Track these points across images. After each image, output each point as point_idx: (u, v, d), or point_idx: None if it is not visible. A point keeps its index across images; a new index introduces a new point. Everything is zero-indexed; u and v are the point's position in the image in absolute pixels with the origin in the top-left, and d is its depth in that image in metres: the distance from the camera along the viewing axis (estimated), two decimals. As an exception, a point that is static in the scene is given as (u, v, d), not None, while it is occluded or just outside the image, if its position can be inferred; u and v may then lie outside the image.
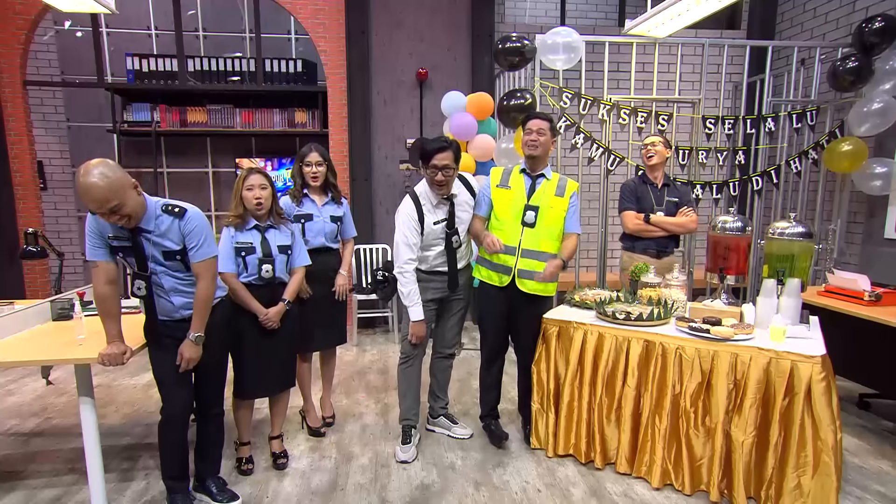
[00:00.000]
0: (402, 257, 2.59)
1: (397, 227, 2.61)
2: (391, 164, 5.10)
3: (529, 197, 2.66)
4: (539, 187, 2.67)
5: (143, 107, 5.49)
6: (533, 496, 2.43)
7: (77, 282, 5.86)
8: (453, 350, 3.00)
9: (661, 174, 3.35)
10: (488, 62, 4.95)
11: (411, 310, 2.62)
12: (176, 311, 2.15)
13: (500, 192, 2.71)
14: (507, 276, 2.68)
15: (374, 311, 5.04)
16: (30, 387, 3.73)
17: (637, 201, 3.31)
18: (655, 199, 3.30)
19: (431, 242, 2.65)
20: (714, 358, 2.36)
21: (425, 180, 2.62)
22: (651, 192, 3.31)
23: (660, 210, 3.27)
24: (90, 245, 2.02)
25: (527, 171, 2.70)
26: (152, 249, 2.03)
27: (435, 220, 2.62)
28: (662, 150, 3.29)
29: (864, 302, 2.94)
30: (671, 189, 3.33)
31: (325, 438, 2.98)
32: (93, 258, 2.03)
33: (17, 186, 4.99)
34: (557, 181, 2.70)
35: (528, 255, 2.64)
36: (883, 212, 4.25)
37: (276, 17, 5.81)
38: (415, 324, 2.64)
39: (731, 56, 5.11)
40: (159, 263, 2.06)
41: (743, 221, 2.95)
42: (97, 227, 2.01)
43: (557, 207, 2.65)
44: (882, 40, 3.86)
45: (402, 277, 2.60)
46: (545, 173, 2.70)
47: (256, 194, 2.39)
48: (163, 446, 2.26)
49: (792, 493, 2.21)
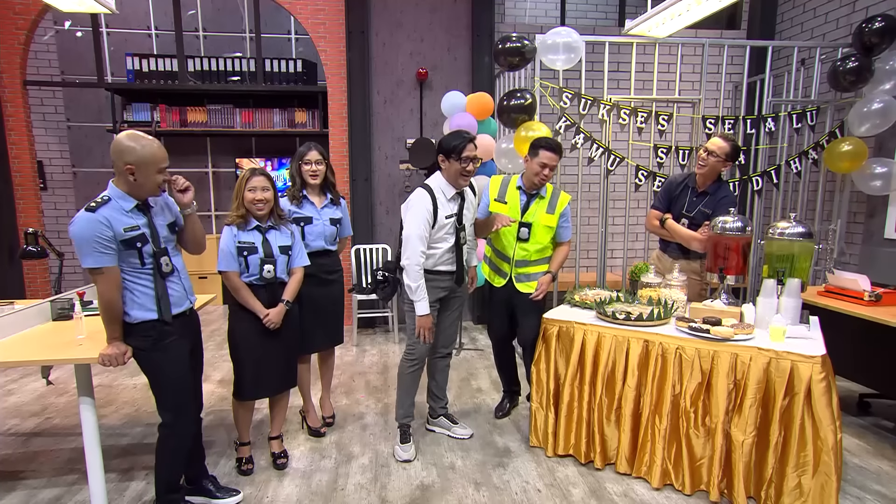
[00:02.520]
0: (416, 250, 2.55)
1: (411, 219, 2.57)
2: (391, 164, 5.10)
3: (523, 214, 2.87)
4: (533, 205, 2.87)
5: (143, 107, 5.50)
6: (533, 496, 2.43)
7: (77, 282, 5.86)
8: (451, 349, 3.01)
9: (708, 180, 3.03)
10: (488, 62, 4.95)
11: (419, 304, 2.59)
12: (186, 297, 2.16)
13: (497, 206, 2.91)
14: (504, 279, 2.97)
15: (374, 311, 5.04)
16: (30, 387, 3.74)
17: (670, 202, 3.14)
18: (689, 204, 3.05)
19: (441, 237, 2.64)
20: (714, 358, 2.36)
21: (445, 174, 2.63)
22: (688, 196, 3.07)
23: (686, 218, 3.05)
24: (94, 252, 1.88)
25: (523, 189, 2.89)
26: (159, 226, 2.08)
27: (447, 214, 2.62)
28: (716, 164, 2.95)
29: (864, 302, 2.94)
30: (710, 198, 3.01)
31: (325, 438, 2.98)
32: (98, 265, 1.90)
33: (17, 186, 4.99)
34: (550, 197, 2.89)
35: (521, 264, 2.92)
36: (883, 212, 4.25)
37: (276, 17, 5.81)
38: (422, 318, 2.62)
39: (731, 56, 5.12)
40: (168, 239, 2.11)
41: (743, 221, 2.94)
42: (108, 227, 1.90)
43: (547, 224, 2.88)
44: (882, 40, 3.86)
45: (413, 271, 2.56)
46: (540, 192, 2.89)
47: (259, 196, 2.39)
48: (173, 459, 2.20)
49: (792, 493, 2.21)
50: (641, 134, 4.10)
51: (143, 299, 2.04)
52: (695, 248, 3.01)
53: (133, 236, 1.96)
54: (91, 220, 1.88)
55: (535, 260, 2.91)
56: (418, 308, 2.61)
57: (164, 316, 2.06)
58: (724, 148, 2.93)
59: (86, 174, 5.95)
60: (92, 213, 1.89)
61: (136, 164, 1.93)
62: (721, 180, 3.07)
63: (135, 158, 1.93)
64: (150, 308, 2.04)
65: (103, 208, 1.91)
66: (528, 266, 2.91)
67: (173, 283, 2.11)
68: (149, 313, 2.04)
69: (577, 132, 4.00)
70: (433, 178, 2.68)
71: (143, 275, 2.03)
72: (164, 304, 2.06)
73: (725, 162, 2.96)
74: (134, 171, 1.93)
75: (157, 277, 2.05)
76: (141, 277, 2.03)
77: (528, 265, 2.91)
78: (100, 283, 1.94)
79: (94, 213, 1.89)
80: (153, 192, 2.03)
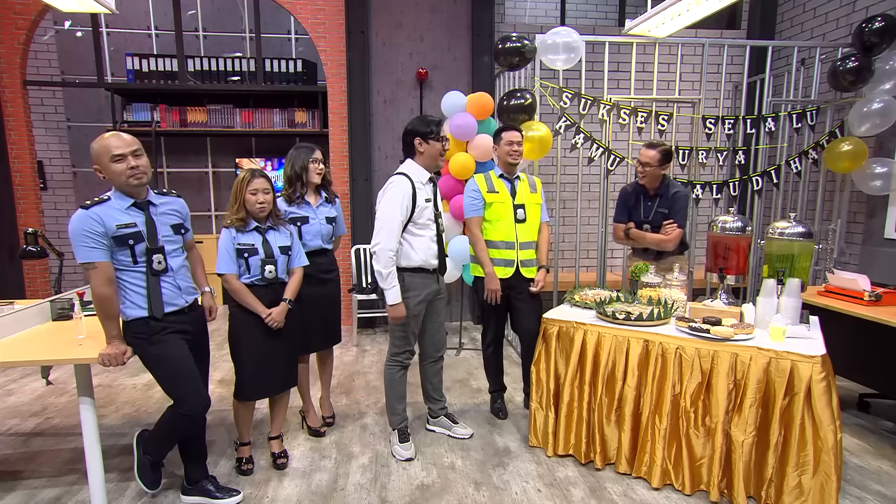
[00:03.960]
0: (392, 234, 2.51)
1: (388, 203, 2.52)
2: (391, 164, 5.10)
3: (514, 196, 2.99)
4: (518, 188, 3.02)
5: (143, 107, 5.49)
6: (533, 496, 2.43)
7: (77, 282, 5.86)
8: (442, 353, 2.97)
9: (654, 184, 3.17)
10: (488, 62, 4.95)
11: (390, 293, 2.54)
12: (180, 296, 2.17)
13: (492, 196, 2.99)
14: (511, 268, 2.99)
15: (374, 311, 5.04)
16: (30, 387, 3.74)
17: (629, 211, 3.29)
18: (645, 209, 3.21)
19: (424, 223, 2.64)
20: (714, 358, 2.36)
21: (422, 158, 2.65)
22: (643, 203, 3.23)
23: (647, 224, 3.20)
24: (85, 246, 1.96)
25: (505, 176, 3.03)
26: (161, 224, 2.12)
27: (426, 198, 2.64)
28: (653, 171, 3.10)
29: (864, 302, 2.94)
30: (663, 199, 3.16)
31: (325, 438, 2.98)
32: (88, 259, 1.96)
33: (17, 186, 4.99)
34: (526, 179, 3.08)
35: (525, 245, 3.01)
36: (883, 212, 4.25)
37: (276, 17, 5.81)
38: (393, 307, 2.57)
39: (731, 56, 5.13)
40: (169, 239, 2.14)
41: (743, 221, 2.94)
42: (99, 223, 1.97)
43: (535, 201, 3.05)
44: (882, 40, 3.86)
45: (385, 256, 2.51)
46: (519, 174, 3.06)
47: (260, 199, 2.40)
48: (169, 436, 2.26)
49: (792, 493, 2.21)
50: (641, 134, 4.10)
51: (135, 297, 2.08)
52: (667, 248, 3.15)
53: (125, 234, 2.02)
54: (82, 216, 1.97)
55: (534, 241, 3.06)
56: (391, 296, 2.54)
57: (153, 313, 2.10)
58: (654, 157, 3.09)
59: (86, 174, 5.95)
60: (85, 210, 1.99)
61: (95, 162, 2.03)
62: (667, 179, 3.21)
63: (94, 158, 2.03)
64: (141, 306, 2.09)
65: (98, 206, 2.02)
66: (530, 249, 3.02)
67: (166, 281, 2.13)
68: (140, 311, 2.09)
69: (577, 132, 4.01)
70: (405, 165, 2.67)
71: (134, 272, 2.07)
72: (154, 301, 2.10)
73: (662, 166, 3.12)
74: (99, 170, 2.04)
75: (149, 274, 2.09)
76: (132, 275, 2.08)
77: (530, 247, 3.02)
78: (92, 277, 2.00)
79: (88, 210, 1.99)
80: (125, 182, 2.01)
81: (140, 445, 2.34)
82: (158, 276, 2.11)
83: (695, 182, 4.16)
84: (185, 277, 2.23)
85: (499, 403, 3.27)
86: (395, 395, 2.80)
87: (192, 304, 2.25)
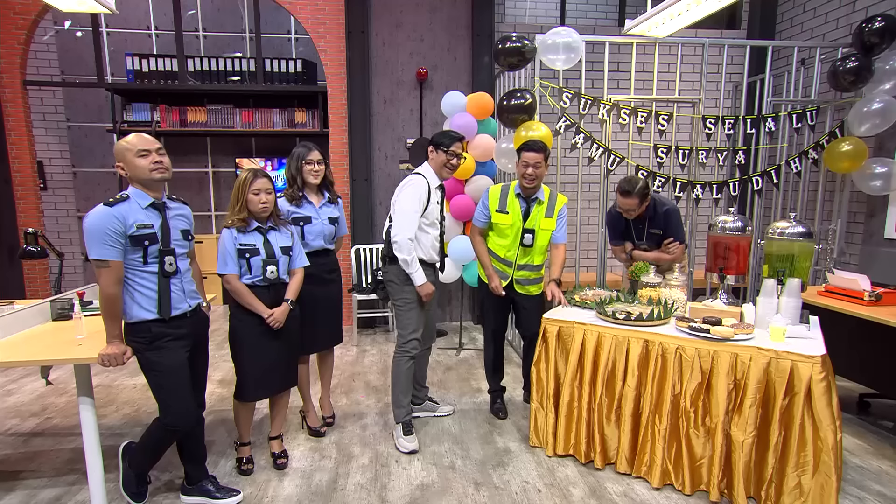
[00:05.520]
0: (411, 224, 2.70)
1: (406, 196, 2.71)
2: (391, 164, 5.11)
3: (525, 220, 2.94)
4: (533, 210, 2.95)
5: (143, 107, 5.49)
6: (533, 496, 2.43)
7: (77, 282, 5.86)
8: (433, 341, 3.20)
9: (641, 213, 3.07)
10: (488, 62, 4.95)
11: (416, 275, 2.73)
12: (185, 300, 2.18)
13: (499, 216, 2.98)
14: (505, 282, 3.02)
15: (374, 311, 5.04)
16: (30, 387, 3.74)
17: (622, 235, 3.28)
18: (637, 232, 3.20)
19: (431, 222, 2.82)
20: (714, 358, 2.36)
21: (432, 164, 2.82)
22: (633, 226, 3.19)
23: (641, 244, 3.19)
24: (102, 243, 1.94)
25: (522, 196, 2.96)
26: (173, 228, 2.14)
27: (437, 200, 2.83)
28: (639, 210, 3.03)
29: (864, 302, 2.94)
30: (654, 220, 3.10)
31: (325, 438, 2.98)
32: (104, 257, 1.95)
33: (17, 186, 4.99)
34: (548, 200, 2.96)
35: (523, 268, 3.01)
36: (883, 212, 4.25)
37: (276, 17, 5.82)
38: (422, 286, 2.76)
39: (731, 56, 5.13)
40: (179, 244, 2.16)
41: (743, 221, 2.94)
42: (121, 222, 1.97)
43: (548, 227, 2.97)
44: (882, 40, 3.86)
45: (405, 244, 2.68)
46: (538, 196, 2.96)
47: (263, 199, 2.39)
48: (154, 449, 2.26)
49: (792, 493, 2.21)
50: (641, 134, 4.10)
51: (142, 299, 2.08)
52: (669, 262, 3.09)
53: (142, 234, 2.03)
54: (106, 214, 1.97)
55: (537, 265, 3.02)
56: (416, 278, 2.74)
57: (162, 314, 2.10)
58: (633, 203, 2.98)
59: (86, 174, 5.94)
60: (109, 208, 1.98)
61: (119, 159, 2.07)
62: (653, 201, 3.09)
63: (118, 154, 2.07)
64: (149, 308, 2.08)
65: (121, 204, 2.01)
66: (529, 271, 3.01)
67: (175, 283, 2.14)
68: (146, 313, 2.08)
69: (577, 132, 4.00)
70: (422, 167, 2.86)
71: (144, 273, 2.07)
72: (163, 302, 2.10)
73: (643, 204, 3.01)
74: (123, 166, 2.07)
75: (160, 276, 2.09)
76: (142, 276, 2.07)
77: (529, 269, 3.01)
78: (103, 276, 1.99)
79: (111, 207, 1.99)
80: (148, 176, 2.05)
81: (126, 457, 2.34)
82: (169, 277, 2.11)
83: (695, 182, 4.16)
84: (191, 282, 2.25)
85: (499, 403, 3.27)
86: (402, 388, 2.86)
87: (195, 309, 2.26)
